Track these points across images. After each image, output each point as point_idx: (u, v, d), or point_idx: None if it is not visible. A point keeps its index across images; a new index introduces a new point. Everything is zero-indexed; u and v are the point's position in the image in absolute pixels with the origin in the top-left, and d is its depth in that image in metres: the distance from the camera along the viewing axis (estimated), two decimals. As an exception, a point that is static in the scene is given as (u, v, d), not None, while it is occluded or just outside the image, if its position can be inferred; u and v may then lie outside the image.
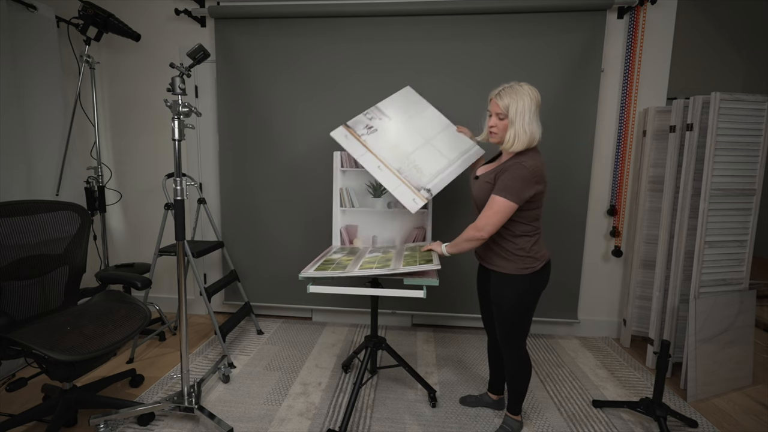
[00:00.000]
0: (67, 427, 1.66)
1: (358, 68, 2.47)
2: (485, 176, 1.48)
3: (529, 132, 1.38)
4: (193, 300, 2.91)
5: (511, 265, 1.47)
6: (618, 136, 2.45)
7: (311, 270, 1.58)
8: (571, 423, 1.75)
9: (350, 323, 2.81)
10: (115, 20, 2.26)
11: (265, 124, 2.57)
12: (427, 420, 1.76)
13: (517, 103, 1.37)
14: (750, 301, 2.05)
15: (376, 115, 1.97)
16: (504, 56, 2.37)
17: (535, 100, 1.39)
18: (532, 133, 1.38)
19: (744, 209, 1.99)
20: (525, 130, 1.38)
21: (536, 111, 1.40)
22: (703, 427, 1.72)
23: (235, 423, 1.71)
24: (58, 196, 2.26)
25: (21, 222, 1.57)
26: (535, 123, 1.39)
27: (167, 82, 2.68)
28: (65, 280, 1.75)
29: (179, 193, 1.52)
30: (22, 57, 2.09)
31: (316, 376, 2.11)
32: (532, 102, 1.38)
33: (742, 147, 1.94)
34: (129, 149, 2.79)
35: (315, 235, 2.63)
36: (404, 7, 2.37)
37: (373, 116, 1.97)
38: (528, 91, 1.39)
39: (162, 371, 2.13)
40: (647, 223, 2.37)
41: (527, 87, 1.40)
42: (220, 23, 2.51)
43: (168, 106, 1.50)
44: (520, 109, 1.37)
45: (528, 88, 1.40)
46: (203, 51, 1.54)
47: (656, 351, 2.20)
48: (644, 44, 2.37)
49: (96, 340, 1.46)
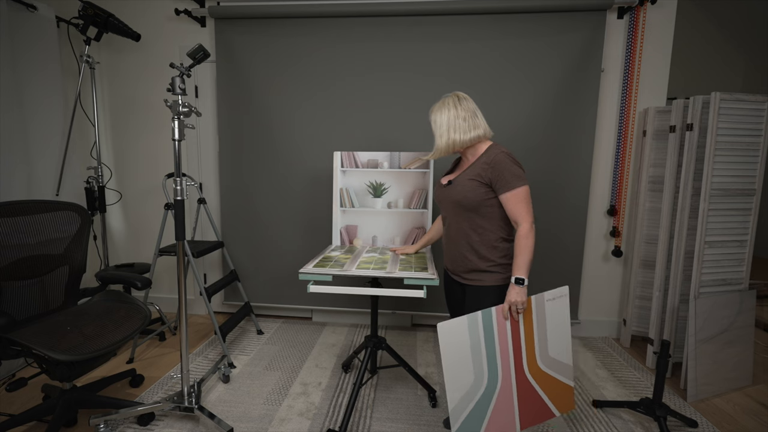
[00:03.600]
0: (67, 427, 1.66)
1: (358, 68, 2.47)
2: (464, 176, 1.41)
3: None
4: (193, 300, 2.91)
5: (493, 277, 1.40)
6: (618, 136, 2.45)
7: (310, 267, 1.58)
8: (571, 423, 1.75)
9: (350, 323, 2.81)
10: (115, 20, 2.26)
11: (265, 123, 2.57)
12: (427, 420, 1.76)
13: (436, 115, 1.44)
14: (750, 301, 2.05)
15: None
16: (504, 56, 2.38)
17: (463, 100, 1.42)
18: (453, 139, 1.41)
19: (744, 209, 1.98)
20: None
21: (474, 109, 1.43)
22: (703, 427, 1.72)
23: (235, 423, 1.71)
24: (58, 196, 2.26)
25: (21, 222, 1.57)
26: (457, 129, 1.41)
27: (167, 82, 2.69)
28: (65, 280, 1.75)
29: (179, 193, 1.53)
30: (22, 57, 2.09)
31: (316, 376, 2.11)
32: (459, 102, 1.42)
33: (742, 147, 1.93)
34: (129, 149, 2.79)
35: (315, 235, 2.63)
36: (404, 8, 2.37)
37: None
38: (449, 97, 1.44)
39: (162, 371, 2.13)
40: (647, 223, 2.37)
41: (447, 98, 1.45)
42: (220, 23, 2.51)
43: (168, 106, 1.50)
44: (437, 118, 1.43)
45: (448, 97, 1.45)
46: (203, 51, 1.54)
47: (656, 351, 2.20)
48: (644, 44, 2.37)
49: (96, 340, 1.46)
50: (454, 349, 1.33)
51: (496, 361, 1.36)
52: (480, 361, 1.35)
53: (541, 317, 1.39)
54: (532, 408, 1.42)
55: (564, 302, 1.39)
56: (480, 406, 1.37)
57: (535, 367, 1.40)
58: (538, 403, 1.42)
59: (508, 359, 1.38)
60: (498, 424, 1.38)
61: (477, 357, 1.35)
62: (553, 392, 1.43)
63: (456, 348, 1.33)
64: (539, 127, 2.39)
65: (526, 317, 1.37)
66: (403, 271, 1.53)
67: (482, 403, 1.37)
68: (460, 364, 1.33)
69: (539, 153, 2.42)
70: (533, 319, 1.38)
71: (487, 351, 1.35)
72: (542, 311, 1.38)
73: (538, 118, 2.39)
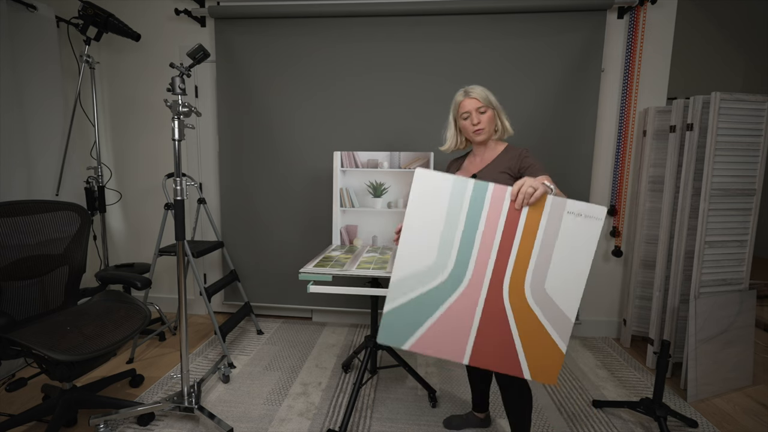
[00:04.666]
0: (67, 427, 1.66)
1: (358, 68, 2.47)
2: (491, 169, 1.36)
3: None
4: (193, 300, 2.91)
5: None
6: (618, 136, 2.45)
7: (310, 266, 1.58)
8: (571, 423, 1.75)
9: (350, 323, 2.81)
10: (115, 20, 2.26)
11: (265, 123, 2.57)
12: (427, 420, 1.75)
13: (489, 93, 1.39)
14: (750, 301, 2.04)
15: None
16: (504, 56, 2.38)
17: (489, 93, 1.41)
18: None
19: (744, 209, 1.98)
20: (505, 115, 1.42)
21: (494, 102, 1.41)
22: (703, 427, 1.72)
23: (235, 423, 1.70)
24: (58, 196, 2.26)
25: (21, 222, 1.57)
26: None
27: (167, 82, 2.67)
28: (65, 280, 1.75)
29: (179, 193, 1.53)
30: (22, 57, 2.08)
31: (316, 376, 2.11)
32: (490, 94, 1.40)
33: (742, 147, 1.93)
34: (129, 149, 2.79)
35: (315, 234, 2.63)
36: (404, 8, 2.37)
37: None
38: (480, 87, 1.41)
39: (162, 371, 2.13)
40: (647, 223, 2.37)
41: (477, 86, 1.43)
42: (220, 23, 2.51)
43: (168, 106, 1.50)
44: (493, 98, 1.40)
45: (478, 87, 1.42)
46: (203, 51, 1.54)
47: (656, 351, 2.20)
48: (644, 44, 2.37)
49: (96, 340, 1.46)
50: (424, 210, 1.01)
51: (470, 254, 1.01)
52: (450, 243, 1.01)
53: (551, 231, 0.99)
54: (495, 347, 1.03)
55: (593, 227, 0.97)
56: (427, 301, 1.03)
57: (518, 295, 1.01)
58: (505, 346, 1.02)
59: (487, 261, 1.01)
60: (441, 337, 1.03)
61: (448, 235, 1.01)
62: (533, 345, 1.02)
63: (427, 209, 1.01)
64: (539, 126, 2.39)
65: (530, 218, 0.99)
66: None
67: (432, 298, 1.02)
68: (424, 232, 1.01)
69: (539, 153, 2.40)
70: (540, 227, 0.99)
71: (464, 234, 1.01)
72: (556, 223, 0.99)
73: (538, 118, 2.39)
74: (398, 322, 1.04)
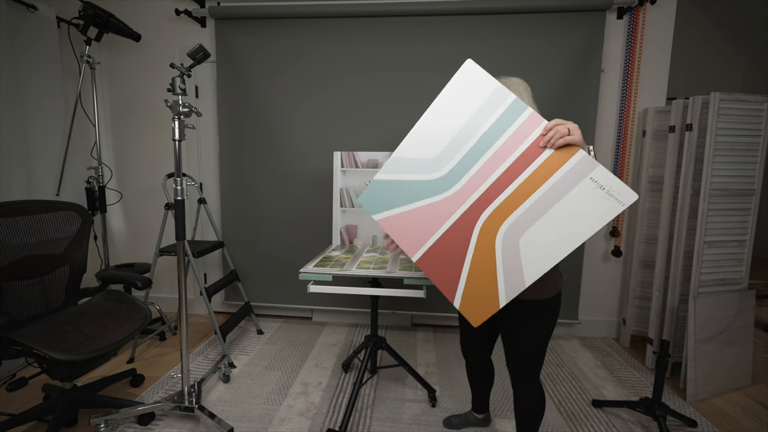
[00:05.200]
0: (68, 426, 1.67)
1: (358, 68, 2.48)
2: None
3: None
4: (193, 300, 2.91)
5: (542, 288, 1.18)
6: (618, 136, 2.45)
7: (310, 266, 1.59)
8: (570, 423, 1.75)
9: (350, 323, 2.81)
10: (115, 20, 2.26)
11: (265, 124, 2.57)
12: (427, 420, 1.76)
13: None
14: (749, 301, 2.05)
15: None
16: (504, 56, 2.38)
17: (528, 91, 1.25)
18: None
19: (743, 209, 1.99)
20: None
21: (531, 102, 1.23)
22: (702, 427, 1.72)
23: (235, 423, 1.71)
24: (58, 196, 2.26)
25: (21, 222, 1.57)
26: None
27: (167, 83, 2.68)
28: (66, 280, 1.75)
29: (179, 193, 1.53)
30: (23, 57, 2.09)
31: (316, 375, 2.11)
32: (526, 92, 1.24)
33: (742, 147, 1.94)
34: (129, 149, 2.80)
35: (315, 235, 2.63)
36: (405, 8, 2.37)
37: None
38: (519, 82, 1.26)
39: (162, 371, 2.13)
40: (647, 223, 2.37)
41: (516, 79, 1.27)
42: (221, 23, 2.51)
43: (168, 106, 1.51)
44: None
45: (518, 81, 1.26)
46: (203, 51, 1.54)
47: (656, 351, 2.21)
48: (644, 44, 2.37)
49: (96, 339, 1.46)
50: (454, 103, 0.99)
51: (468, 169, 0.99)
52: (457, 149, 0.99)
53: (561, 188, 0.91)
54: (443, 262, 1.01)
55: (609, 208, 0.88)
56: (412, 189, 1.02)
57: (489, 232, 0.97)
58: (452, 267, 1.01)
59: (480, 184, 0.97)
60: (406, 227, 1.03)
61: (460, 141, 0.99)
62: (477, 282, 1.00)
63: (456, 102, 0.99)
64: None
65: (548, 163, 0.91)
66: (403, 271, 1.53)
67: (416, 189, 1.02)
68: (443, 125, 1.01)
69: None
70: (552, 177, 0.92)
71: (473, 147, 0.98)
72: (571, 181, 0.91)
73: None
74: (381, 193, 1.05)
